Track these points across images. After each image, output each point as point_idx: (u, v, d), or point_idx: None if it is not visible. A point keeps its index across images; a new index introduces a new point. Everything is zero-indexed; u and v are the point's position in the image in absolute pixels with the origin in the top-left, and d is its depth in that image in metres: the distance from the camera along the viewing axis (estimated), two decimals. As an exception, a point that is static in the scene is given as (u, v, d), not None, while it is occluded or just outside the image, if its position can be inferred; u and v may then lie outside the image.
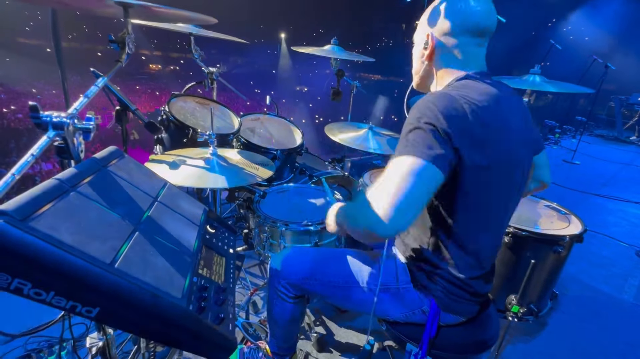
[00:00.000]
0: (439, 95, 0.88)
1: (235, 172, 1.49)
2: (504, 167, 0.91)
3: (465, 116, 0.84)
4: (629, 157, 6.49)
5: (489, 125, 0.86)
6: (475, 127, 0.84)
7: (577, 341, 1.91)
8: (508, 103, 0.95)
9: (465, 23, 0.95)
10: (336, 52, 2.40)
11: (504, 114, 0.91)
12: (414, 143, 0.82)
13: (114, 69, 1.05)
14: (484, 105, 0.86)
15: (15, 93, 8.52)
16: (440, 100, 0.85)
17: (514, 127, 0.94)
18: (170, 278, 0.68)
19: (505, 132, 0.90)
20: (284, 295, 1.23)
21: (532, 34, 10.03)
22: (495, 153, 0.87)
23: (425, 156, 0.79)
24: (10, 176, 0.68)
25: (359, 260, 1.17)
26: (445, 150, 0.81)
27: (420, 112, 0.85)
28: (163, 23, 2.03)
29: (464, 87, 0.91)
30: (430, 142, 0.81)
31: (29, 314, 1.62)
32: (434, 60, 1.03)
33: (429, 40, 1.01)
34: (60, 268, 0.53)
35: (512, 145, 0.92)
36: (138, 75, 12.41)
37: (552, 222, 1.78)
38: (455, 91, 0.89)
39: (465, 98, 0.86)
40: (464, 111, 0.84)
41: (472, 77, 0.96)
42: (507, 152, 0.91)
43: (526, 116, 1.02)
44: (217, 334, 0.70)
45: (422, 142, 0.81)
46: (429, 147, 0.80)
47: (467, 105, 0.85)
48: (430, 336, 1.05)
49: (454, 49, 0.99)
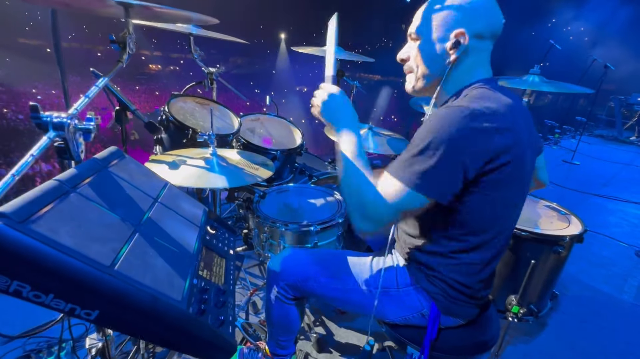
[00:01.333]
0: (459, 112, 0.82)
1: (235, 172, 1.49)
2: (516, 175, 0.90)
3: (484, 136, 0.81)
4: (628, 157, 6.49)
5: (507, 137, 0.84)
6: (494, 144, 0.82)
7: (577, 341, 1.90)
8: (518, 109, 0.93)
9: (493, 25, 0.92)
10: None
11: (517, 121, 0.89)
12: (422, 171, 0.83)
13: (114, 69, 1.04)
14: (502, 118, 0.83)
15: (15, 94, 8.51)
16: (460, 120, 0.81)
17: (525, 133, 0.92)
18: (170, 280, 0.68)
19: (520, 139, 0.88)
20: (282, 296, 1.23)
21: (531, 34, 10.02)
22: (510, 165, 0.86)
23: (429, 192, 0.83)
24: (10, 177, 0.67)
25: (358, 262, 1.17)
26: (453, 178, 0.83)
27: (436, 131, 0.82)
28: (163, 23, 2.03)
29: (483, 98, 0.86)
30: (439, 177, 0.82)
31: (28, 315, 1.62)
32: (457, 63, 0.94)
33: (462, 40, 0.90)
34: (59, 270, 0.53)
35: (524, 152, 0.90)
36: (138, 75, 12.39)
37: (552, 222, 1.78)
38: (476, 104, 0.84)
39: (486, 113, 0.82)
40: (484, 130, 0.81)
41: (485, 84, 0.92)
42: (520, 160, 0.89)
43: (530, 120, 1.01)
44: (217, 337, 0.70)
45: (430, 174, 0.82)
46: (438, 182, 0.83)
47: (487, 123, 0.81)
48: (430, 339, 1.05)
49: (481, 52, 0.94)
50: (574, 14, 10.33)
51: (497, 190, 0.88)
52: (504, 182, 0.88)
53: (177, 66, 14.01)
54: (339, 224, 1.61)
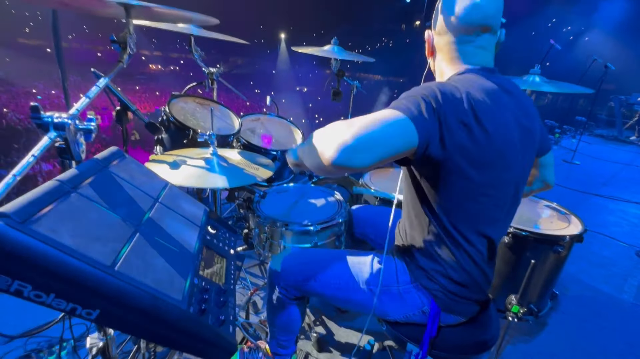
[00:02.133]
0: (440, 83, 0.91)
1: (235, 172, 1.49)
2: (496, 164, 0.90)
3: (460, 101, 0.85)
4: (629, 157, 6.49)
5: (481, 120, 0.85)
6: (468, 115, 0.85)
7: (577, 341, 1.91)
8: (508, 101, 0.94)
9: (462, 19, 0.95)
10: (336, 52, 2.39)
11: (500, 112, 0.90)
12: (400, 103, 0.84)
13: (115, 69, 1.05)
14: (479, 99, 0.87)
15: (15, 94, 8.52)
16: (440, 84, 0.89)
17: (510, 125, 0.92)
18: (171, 279, 0.68)
19: (499, 130, 0.88)
20: (283, 296, 1.23)
21: (532, 34, 10.03)
22: (485, 149, 0.87)
23: (407, 112, 0.80)
24: (12, 177, 0.68)
25: (359, 261, 1.17)
26: (430, 119, 0.81)
27: (420, 87, 0.88)
28: (164, 23, 2.03)
29: (462, 81, 0.92)
30: (419, 106, 0.82)
31: (29, 315, 1.63)
32: (435, 56, 1.08)
33: (431, 37, 1.07)
34: (60, 270, 0.53)
35: (506, 143, 0.90)
36: (138, 76, 12.40)
37: (552, 222, 1.78)
38: (453, 83, 0.91)
39: (464, 90, 0.87)
40: (461, 98, 0.85)
41: (472, 71, 0.97)
42: (499, 150, 0.89)
43: (530, 115, 1.00)
44: (218, 336, 0.70)
45: (410, 104, 0.82)
46: (417, 109, 0.81)
47: (464, 94, 0.86)
48: (430, 336, 1.05)
49: (449, 45, 1.01)
50: (574, 14, 10.33)
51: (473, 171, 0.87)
52: (478, 164, 0.87)
53: (178, 66, 14.02)
54: (339, 224, 1.62)
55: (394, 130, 0.79)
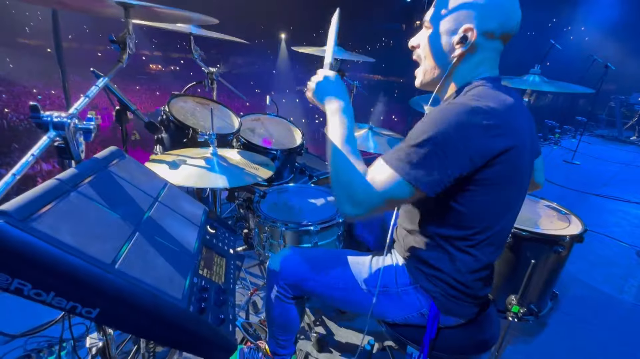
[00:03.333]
0: (458, 109, 0.83)
1: (235, 172, 1.49)
2: (514, 175, 0.90)
3: (483, 133, 0.81)
4: (629, 157, 6.48)
5: (507, 136, 0.84)
6: (494, 142, 0.82)
7: (577, 341, 1.90)
8: (521, 110, 0.93)
9: (506, 25, 0.90)
10: (336, 52, 2.39)
11: (518, 121, 0.89)
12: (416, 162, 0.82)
13: (114, 69, 1.05)
14: (501, 116, 0.83)
15: (15, 94, 8.53)
16: (460, 116, 0.81)
17: (526, 135, 0.92)
18: (171, 278, 0.68)
19: (520, 140, 0.88)
20: (282, 295, 1.23)
21: (532, 34, 10.03)
22: (508, 164, 0.86)
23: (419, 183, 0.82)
24: (11, 176, 0.68)
25: (358, 261, 1.17)
26: (444, 174, 0.82)
27: (435, 126, 0.82)
28: (163, 23, 2.03)
29: (482, 97, 0.86)
30: (430, 166, 0.81)
31: (29, 314, 1.62)
32: (463, 59, 0.94)
33: (469, 35, 0.89)
34: (60, 268, 0.53)
35: (524, 152, 0.91)
36: (138, 75, 12.40)
37: (552, 222, 1.78)
38: (475, 102, 0.84)
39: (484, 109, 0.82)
40: (483, 127, 0.81)
41: (489, 83, 0.92)
42: (519, 161, 0.89)
43: (531, 121, 1.00)
44: (218, 335, 0.70)
45: (421, 162, 0.82)
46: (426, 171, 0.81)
47: (486, 121, 0.81)
48: (430, 338, 1.05)
49: (489, 51, 0.93)
50: (575, 13, 10.33)
51: (495, 189, 0.88)
52: (502, 182, 0.88)
53: (177, 66, 14.02)
54: (339, 224, 1.62)
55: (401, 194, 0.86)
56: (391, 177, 0.84)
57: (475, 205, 0.90)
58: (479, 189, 0.87)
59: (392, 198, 0.86)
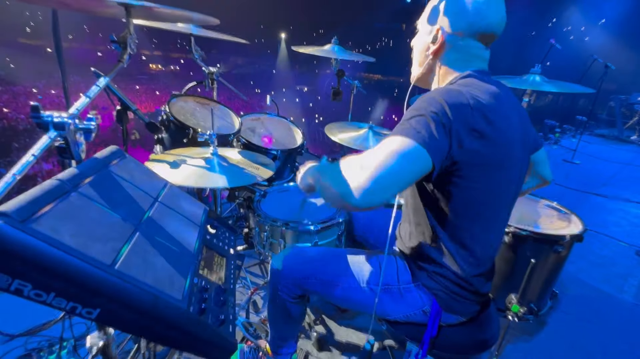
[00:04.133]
0: (445, 90, 0.88)
1: (235, 171, 1.49)
2: (504, 164, 0.92)
3: (470, 109, 0.84)
4: (629, 156, 6.48)
5: (492, 122, 0.86)
6: (480, 121, 0.85)
7: (577, 341, 1.91)
8: (508, 102, 0.96)
9: (476, 25, 0.94)
10: (336, 52, 2.40)
11: (506, 112, 0.92)
12: (410, 126, 0.82)
13: (115, 69, 1.05)
14: (487, 102, 0.87)
15: (15, 93, 8.53)
16: (446, 94, 0.86)
17: (514, 125, 0.94)
18: (171, 279, 0.68)
19: (506, 130, 0.91)
20: (284, 294, 1.23)
21: (532, 34, 10.03)
22: (496, 150, 0.88)
23: (419, 138, 0.79)
24: (11, 176, 0.68)
25: (359, 260, 1.17)
26: (442, 138, 0.81)
27: (426, 102, 0.86)
28: (164, 23, 2.03)
29: (468, 85, 0.92)
30: (429, 127, 0.80)
31: (29, 314, 1.63)
32: (440, 56, 1.01)
33: (438, 35, 0.98)
34: (60, 269, 0.53)
35: (511, 143, 0.93)
36: (138, 75, 12.40)
37: (552, 222, 1.78)
38: (459, 87, 0.90)
39: (470, 94, 0.86)
40: (469, 104, 0.85)
41: (475, 75, 0.96)
42: (507, 150, 0.92)
43: (523, 115, 1.03)
44: (218, 335, 0.70)
45: (419, 126, 0.81)
46: (427, 131, 0.80)
47: (472, 100, 0.85)
48: (431, 336, 1.05)
49: (461, 48, 0.98)
50: (575, 13, 10.33)
51: (484, 174, 0.89)
52: (490, 165, 0.89)
53: (178, 66, 14.03)
54: (339, 223, 1.62)
55: (409, 161, 0.79)
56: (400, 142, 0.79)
57: (468, 193, 0.91)
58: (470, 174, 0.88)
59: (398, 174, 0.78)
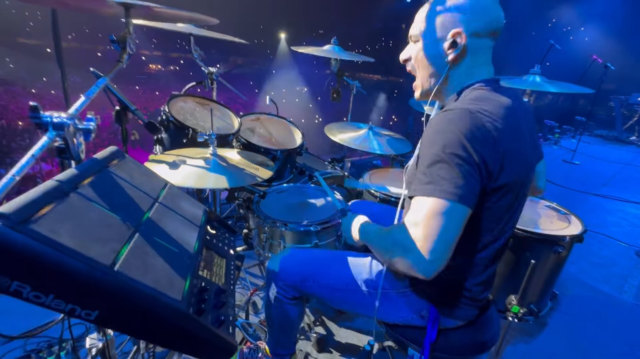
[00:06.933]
0: (459, 115, 0.82)
1: (235, 172, 1.49)
2: (521, 179, 0.90)
3: (491, 137, 0.80)
4: (629, 157, 6.48)
5: (510, 141, 0.84)
6: (501, 145, 0.81)
7: (577, 341, 1.90)
8: (521, 113, 0.92)
9: (492, 22, 0.89)
10: (336, 52, 2.39)
11: (520, 126, 0.89)
12: (438, 180, 0.79)
13: (114, 69, 1.05)
14: (502, 119, 0.83)
15: (15, 93, 8.53)
16: (463, 122, 0.80)
17: (527, 138, 0.92)
18: (170, 280, 0.68)
19: (522, 145, 0.89)
20: (282, 296, 1.23)
21: (532, 34, 10.03)
22: (515, 169, 0.86)
23: (452, 196, 0.77)
24: (10, 177, 0.67)
25: (358, 263, 1.17)
26: (472, 183, 0.79)
27: (444, 139, 0.80)
28: (163, 23, 2.03)
29: (481, 100, 0.86)
30: (456, 179, 0.78)
31: (28, 315, 1.62)
32: (458, 63, 0.93)
33: (458, 40, 0.89)
34: (59, 271, 0.53)
35: (526, 156, 0.92)
36: (138, 75, 12.40)
37: (552, 222, 1.78)
38: (473, 105, 0.83)
39: (485, 114, 0.82)
40: (489, 131, 0.80)
41: (486, 86, 0.91)
42: (524, 165, 0.90)
43: (532, 123, 1.00)
44: (217, 337, 0.70)
45: (447, 179, 0.78)
46: (455, 185, 0.78)
47: (489, 123, 0.81)
48: (430, 341, 1.04)
49: (480, 51, 0.92)
50: (574, 13, 10.33)
51: (500, 193, 0.87)
52: (509, 186, 0.86)
53: (178, 66, 14.02)
54: (338, 224, 1.61)
55: (452, 219, 0.79)
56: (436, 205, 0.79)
57: (480, 211, 0.88)
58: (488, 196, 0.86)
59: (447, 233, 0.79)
